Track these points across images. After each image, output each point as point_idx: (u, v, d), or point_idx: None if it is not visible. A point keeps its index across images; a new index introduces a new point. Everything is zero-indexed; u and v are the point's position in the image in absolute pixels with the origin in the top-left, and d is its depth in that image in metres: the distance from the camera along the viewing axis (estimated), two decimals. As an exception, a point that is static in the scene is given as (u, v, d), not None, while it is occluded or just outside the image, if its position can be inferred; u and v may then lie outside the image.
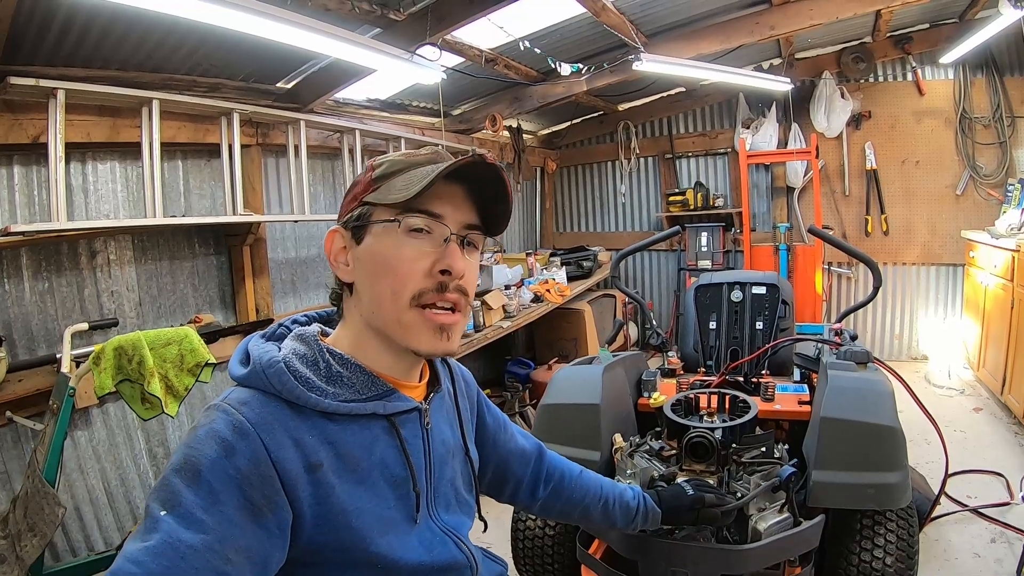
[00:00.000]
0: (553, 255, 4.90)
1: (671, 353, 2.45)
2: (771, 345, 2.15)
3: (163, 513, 0.59)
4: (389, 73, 2.90)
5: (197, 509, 0.60)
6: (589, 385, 1.77)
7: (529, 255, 4.38)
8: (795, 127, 4.64)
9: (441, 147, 0.84)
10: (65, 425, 1.80)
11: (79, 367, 1.89)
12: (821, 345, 2.09)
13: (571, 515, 1.16)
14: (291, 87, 2.87)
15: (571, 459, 1.20)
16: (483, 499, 0.98)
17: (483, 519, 0.96)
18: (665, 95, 5.15)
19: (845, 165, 4.64)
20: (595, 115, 5.43)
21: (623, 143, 5.38)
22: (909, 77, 4.41)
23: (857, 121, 4.54)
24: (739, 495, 1.39)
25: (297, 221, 2.84)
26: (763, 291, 2.42)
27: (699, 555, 1.33)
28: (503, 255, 4.19)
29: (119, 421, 2.30)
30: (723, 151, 5.09)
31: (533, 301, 3.81)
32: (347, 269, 0.78)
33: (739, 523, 1.39)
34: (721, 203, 5.02)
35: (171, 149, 2.47)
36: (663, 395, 1.98)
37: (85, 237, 2.21)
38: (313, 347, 0.75)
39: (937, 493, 2.20)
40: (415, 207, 0.74)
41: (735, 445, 1.56)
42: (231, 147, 2.43)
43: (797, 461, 1.52)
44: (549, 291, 3.92)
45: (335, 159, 3.33)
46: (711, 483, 1.38)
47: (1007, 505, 2.46)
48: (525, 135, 4.94)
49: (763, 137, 4.65)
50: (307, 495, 0.67)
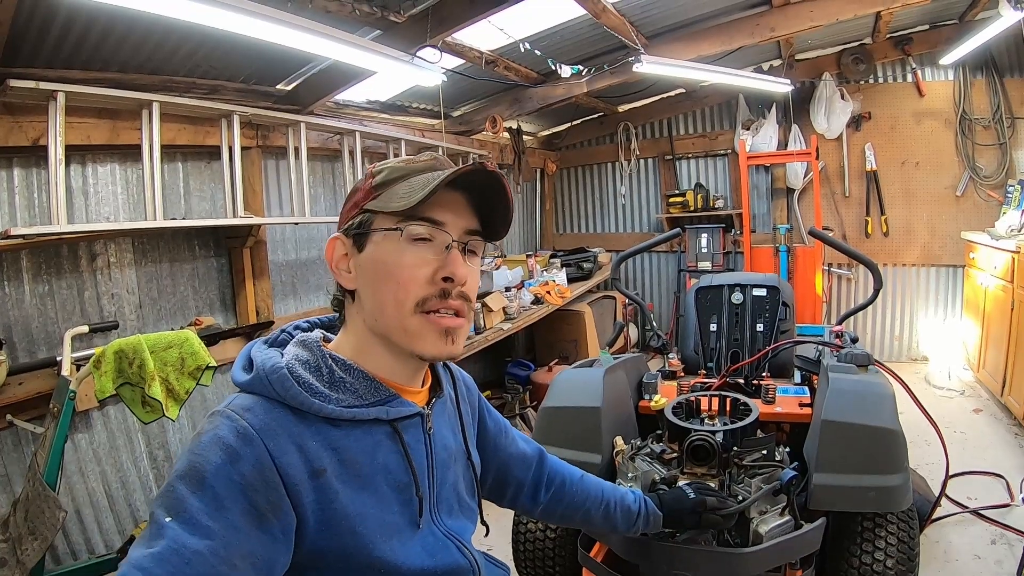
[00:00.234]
0: (553, 256, 4.90)
1: (672, 355, 2.45)
2: (772, 347, 2.15)
3: (168, 519, 0.59)
4: (389, 75, 2.90)
5: (202, 515, 0.60)
6: (590, 388, 1.76)
7: (529, 257, 4.38)
8: (795, 128, 4.65)
9: (440, 152, 0.84)
10: (65, 428, 1.80)
11: (79, 370, 1.89)
12: (822, 347, 2.09)
13: (572, 519, 1.16)
14: (291, 89, 2.87)
15: (572, 462, 1.20)
16: (484, 502, 0.98)
17: (485, 523, 0.96)
18: (665, 96, 5.15)
19: (845, 166, 4.64)
20: (595, 116, 5.44)
21: (623, 144, 5.39)
22: (909, 78, 4.41)
23: (857, 122, 4.54)
24: (740, 498, 1.39)
25: (297, 223, 2.84)
26: (764, 293, 2.42)
27: (700, 558, 1.33)
28: (503, 259, 4.19)
29: (120, 424, 2.30)
30: (723, 152, 5.09)
31: (533, 303, 3.81)
32: (349, 276, 0.79)
33: (740, 526, 1.38)
34: (721, 204, 5.02)
35: (171, 151, 2.46)
36: (664, 398, 1.97)
37: (85, 240, 2.21)
38: (316, 353, 0.76)
39: (938, 495, 2.20)
40: (417, 215, 0.74)
41: (736, 448, 1.56)
42: (231, 149, 2.43)
43: (798, 464, 1.52)
44: (549, 293, 3.92)
45: (335, 161, 3.33)
46: (712, 486, 1.38)
47: (1007, 507, 2.46)
48: (525, 136, 4.94)
49: (763, 138, 4.65)
50: (311, 500, 0.67)
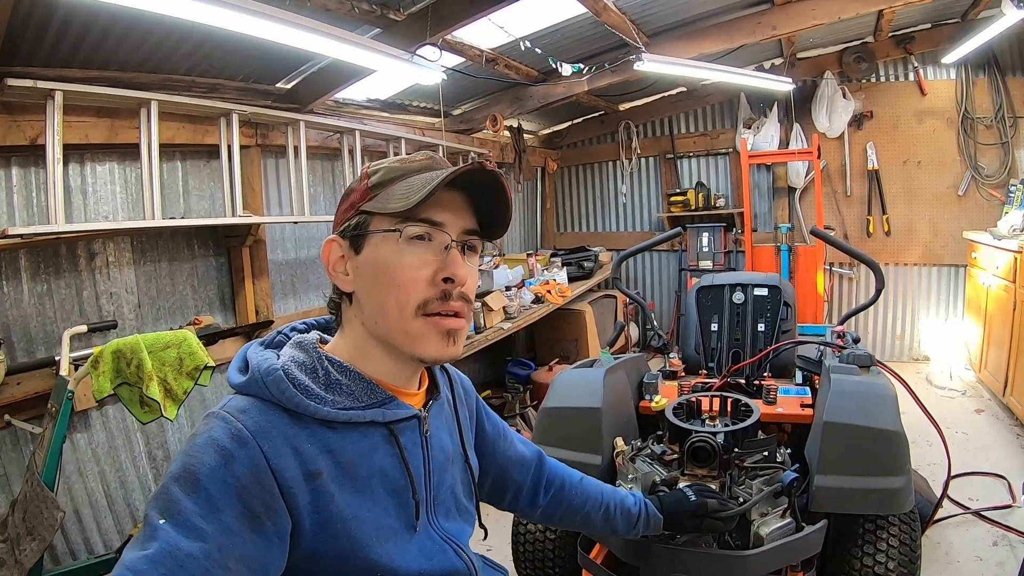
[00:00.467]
0: (554, 255, 4.89)
1: (672, 355, 2.44)
2: (773, 348, 2.14)
3: (162, 521, 0.59)
4: (389, 73, 2.89)
5: (196, 517, 0.59)
6: (590, 389, 1.76)
7: (530, 256, 4.37)
8: (797, 127, 4.63)
9: (440, 151, 0.83)
10: (64, 428, 1.79)
11: (78, 370, 1.89)
12: (824, 348, 2.08)
13: (572, 522, 1.16)
14: (291, 87, 2.86)
15: (572, 463, 1.19)
16: (484, 504, 0.97)
17: (483, 526, 0.95)
18: (666, 95, 5.14)
19: (847, 165, 4.63)
20: (596, 115, 5.43)
21: (624, 143, 5.37)
22: (911, 77, 4.39)
23: (859, 121, 4.53)
24: (741, 500, 1.39)
25: (297, 222, 2.83)
26: (765, 293, 2.41)
27: (701, 561, 1.32)
28: (502, 258, 4.18)
29: (118, 424, 2.30)
30: (724, 151, 5.08)
31: (534, 302, 3.80)
32: (347, 279, 0.77)
33: (741, 528, 1.38)
34: (722, 203, 5.01)
35: (170, 150, 2.45)
36: (665, 398, 1.96)
37: (84, 239, 2.20)
38: (312, 355, 0.75)
39: (939, 496, 2.19)
40: (416, 215, 0.73)
41: (737, 449, 1.55)
42: (230, 148, 2.42)
43: (799, 466, 1.51)
44: (550, 292, 3.91)
45: (335, 160, 3.33)
46: (713, 488, 1.37)
47: (1009, 508, 2.45)
48: (526, 135, 4.93)
49: (764, 137, 4.64)
50: (306, 503, 0.67)
